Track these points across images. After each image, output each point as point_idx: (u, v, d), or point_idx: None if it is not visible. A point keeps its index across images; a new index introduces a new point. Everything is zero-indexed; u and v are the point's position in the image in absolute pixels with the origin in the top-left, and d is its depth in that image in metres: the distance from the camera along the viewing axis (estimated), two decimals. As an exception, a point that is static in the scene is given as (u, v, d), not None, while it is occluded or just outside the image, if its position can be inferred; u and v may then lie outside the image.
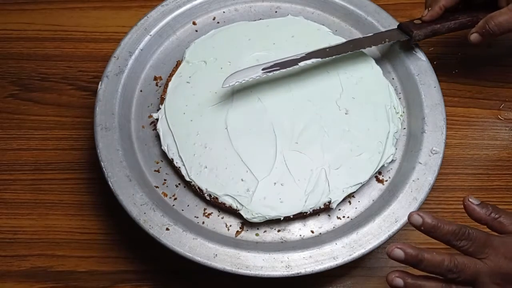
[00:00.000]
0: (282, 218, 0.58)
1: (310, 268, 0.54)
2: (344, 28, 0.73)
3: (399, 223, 0.57)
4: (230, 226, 0.59)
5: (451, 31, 0.67)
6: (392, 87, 0.66)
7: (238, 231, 0.59)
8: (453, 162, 0.70)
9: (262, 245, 0.57)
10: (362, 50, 0.68)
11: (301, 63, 0.62)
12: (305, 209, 0.58)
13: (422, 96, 0.65)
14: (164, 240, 0.55)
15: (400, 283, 0.47)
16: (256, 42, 0.69)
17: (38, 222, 0.66)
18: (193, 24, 0.72)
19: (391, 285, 0.47)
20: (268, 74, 0.61)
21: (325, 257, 0.55)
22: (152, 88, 0.68)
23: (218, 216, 0.60)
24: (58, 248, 0.64)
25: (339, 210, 0.60)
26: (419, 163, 0.61)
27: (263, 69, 0.61)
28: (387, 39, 0.66)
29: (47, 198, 0.67)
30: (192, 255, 0.54)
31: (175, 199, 0.60)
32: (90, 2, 0.83)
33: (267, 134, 0.61)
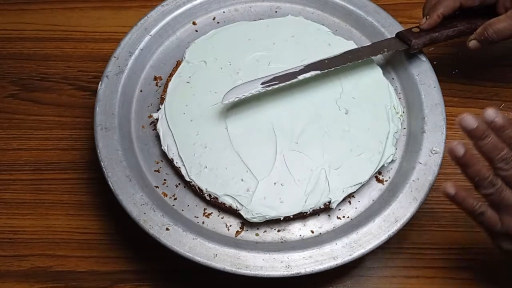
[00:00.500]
0: (282, 218, 0.58)
1: (310, 268, 0.54)
2: (344, 28, 0.73)
3: (399, 223, 0.57)
4: (230, 226, 0.59)
5: (449, 38, 0.67)
6: (392, 87, 0.66)
7: (238, 231, 0.59)
8: (453, 162, 0.70)
9: (262, 245, 0.57)
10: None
11: (300, 76, 0.62)
12: (305, 209, 0.58)
13: (422, 96, 0.65)
14: (164, 240, 0.55)
15: (452, 190, 0.50)
16: (256, 42, 0.69)
17: (38, 222, 0.66)
18: (193, 24, 0.72)
19: (445, 193, 0.50)
20: (268, 89, 0.61)
21: (325, 257, 0.55)
22: (152, 88, 0.68)
23: (218, 216, 0.60)
24: (58, 248, 0.64)
25: (339, 210, 0.60)
26: (419, 163, 0.61)
27: (262, 83, 0.61)
28: (385, 49, 0.65)
29: (47, 198, 0.67)
30: (192, 255, 0.54)
31: (175, 199, 0.60)
32: (90, 2, 0.83)
33: (267, 134, 0.61)
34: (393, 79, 0.69)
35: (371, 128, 0.63)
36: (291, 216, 0.58)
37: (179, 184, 0.61)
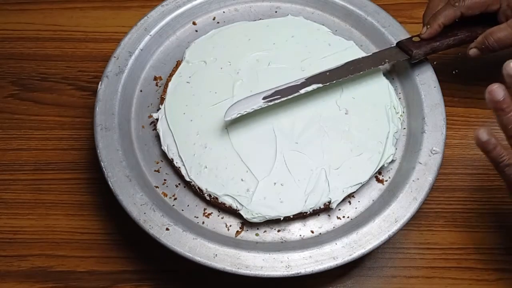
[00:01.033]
0: (282, 218, 0.58)
1: (310, 268, 0.54)
2: (344, 28, 0.73)
3: (399, 223, 0.57)
4: (230, 226, 0.59)
5: (450, 47, 0.67)
6: (392, 87, 0.66)
7: (238, 231, 0.59)
8: (453, 162, 0.70)
9: (262, 245, 0.57)
10: (362, 51, 0.68)
11: (302, 90, 0.61)
12: (305, 209, 0.58)
13: (422, 96, 0.65)
14: (164, 240, 0.55)
15: (485, 135, 0.50)
16: (256, 42, 0.69)
17: (38, 222, 0.66)
18: (193, 24, 0.72)
19: (477, 138, 0.50)
20: (269, 104, 0.60)
21: (325, 257, 0.55)
22: (152, 88, 0.68)
23: (218, 216, 0.60)
24: (58, 248, 0.64)
25: (339, 210, 0.60)
26: (419, 163, 0.61)
27: (263, 98, 0.60)
28: (387, 60, 0.65)
29: (47, 198, 0.67)
30: (192, 255, 0.54)
31: (175, 199, 0.60)
32: (90, 2, 0.83)
33: (267, 134, 0.61)
34: (393, 79, 0.69)
35: (371, 128, 0.63)
36: (291, 216, 0.58)
37: (179, 184, 0.61)
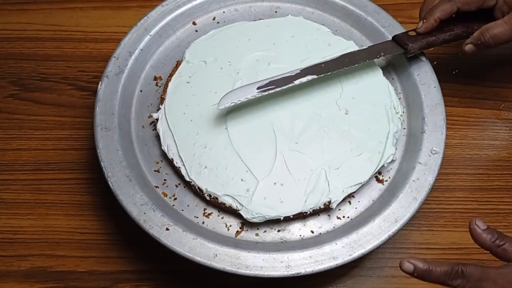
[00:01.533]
0: (282, 218, 0.58)
1: (310, 268, 0.54)
2: (344, 28, 0.73)
3: (399, 223, 0.57)
4: (230, 226, 0.59)
5: (446, 42, 0.66)
6: (392, 87, 0.66)
7: (238, 231, 0.59)
8: (453, 162, 0.70)
9: (262, 245, 0.57)
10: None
11: (296, 81, 0.61)
12: (305, 209, 0.58)
13: (422, 96, 0.65)
14: (164, 240, 0.55)
15: (410, 267, 0.46)
16: (256, 42, 0.69)
17: (38, 222, 0.66)
18: (193, 24, 0.72)
19: (401, 268, 0.47)
20: (264, 94, 0.60)
21: (325, 257, 0.55)
22: (152, 88, 0.68)
23: (218, 216, 0.60)
24: (58, 248, 0.64)
25: (339, 210, 0.60)
26: (419, 163, 0.61)
27: (258, 87, 0.60)
28: (382, 53, 0.65)
29: (47, 198, 0.67)
30: (192, 255, 0.54)
31: (175, 199, 0.60)
32: (90, 2, 0.83)
33: (267, 134, 0.61)
34: (393, 79, 0.69)
35: (371, 128, 0.63)
36: (291, 216, 0.58)
37: (179, 184, 0.61)
